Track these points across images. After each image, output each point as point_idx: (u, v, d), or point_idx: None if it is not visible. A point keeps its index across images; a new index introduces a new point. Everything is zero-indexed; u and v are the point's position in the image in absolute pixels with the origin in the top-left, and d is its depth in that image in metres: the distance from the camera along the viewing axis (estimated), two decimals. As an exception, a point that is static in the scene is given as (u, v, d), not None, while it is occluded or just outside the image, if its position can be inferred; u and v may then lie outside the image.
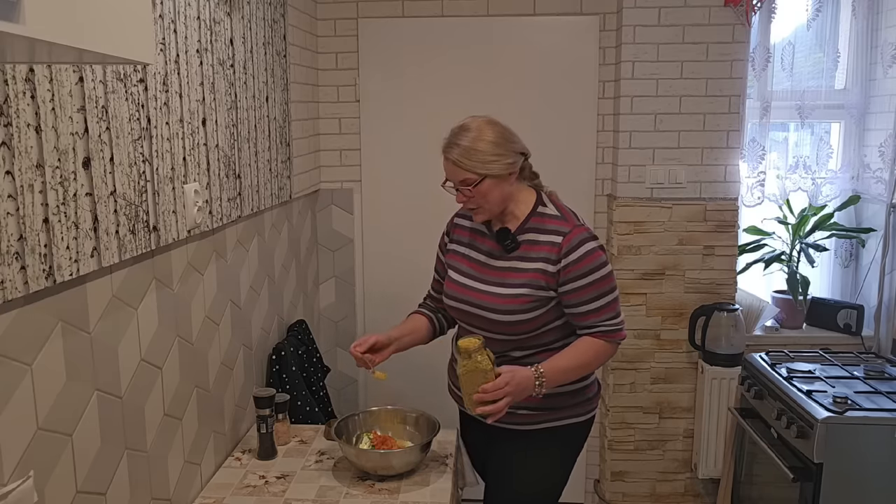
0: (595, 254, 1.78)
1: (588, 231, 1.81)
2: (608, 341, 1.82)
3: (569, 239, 1.77)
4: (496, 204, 1.80)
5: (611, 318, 1.81)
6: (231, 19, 1.95)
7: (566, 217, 1.83)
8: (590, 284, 1.77)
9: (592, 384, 1.95)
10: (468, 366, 1.72)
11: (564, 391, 1.85)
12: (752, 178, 3.02)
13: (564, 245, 1.77)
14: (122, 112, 1.34)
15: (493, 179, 1.76)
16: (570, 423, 1.88)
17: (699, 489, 3.13)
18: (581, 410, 1.90)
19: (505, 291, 1.81)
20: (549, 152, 3.05)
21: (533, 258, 1.80)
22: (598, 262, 1.78)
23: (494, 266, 1.85)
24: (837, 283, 3.19)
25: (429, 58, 3.02)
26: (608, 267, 1.81)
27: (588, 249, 1.77)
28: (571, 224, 1.81)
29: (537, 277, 1.78)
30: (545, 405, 1.83)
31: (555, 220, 1.82)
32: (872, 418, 2.15)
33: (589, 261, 1.77)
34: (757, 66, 2.95)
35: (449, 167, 1.79)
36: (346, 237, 3.16)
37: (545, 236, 1.80)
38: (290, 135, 2.56)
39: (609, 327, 1.81)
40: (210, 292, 1.83)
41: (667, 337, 3.03)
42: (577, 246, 1.77)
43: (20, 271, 1.05)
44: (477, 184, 1.75)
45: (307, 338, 2.61)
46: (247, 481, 1.82)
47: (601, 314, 1.80)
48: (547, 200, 1.87)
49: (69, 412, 1.21)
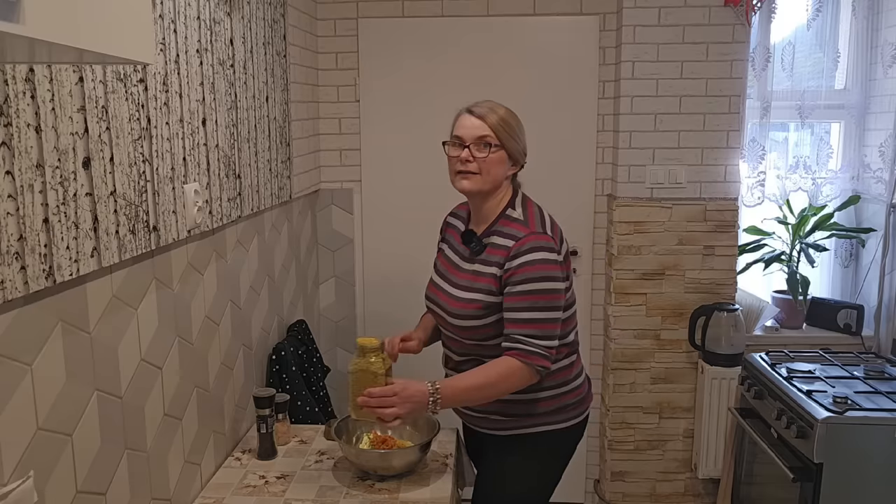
0: (542, 265, 1.68)
1: (546, 241, 1.71)
2: (524, 363, 1.67)
3: (520, 244, 1.70)
4: (490, 180, 1.76)
5: (534, 337, 1.68)
6: (231, 19, 1.95)
7: (529, 222, 1.75)
8: (524, 293, 1.68)
9: (576, 390, 1.86)
10: (360, 364, 1.69)
11: (538, 397, 1.80)
12: (752, 178, 3.03)
13: (513, 249, 1.70)
14: (122, 112, 1.34)
15: (505, 155, 1.76)
16: (550, 429, 1.83)
17: (699, 489, 3.13)
18: (559, 418, 1.83)
19: (462, 295, 1.78)
20: (549, 152, 3.05)
21: (491, 262, 1.74)
22: (540, 274, 1.68)
23: (463, 268, 1.82)
24: (837, 283, 3.19)
25: (429, 58, 3.02)
26: (552, 284, 1.69)
27: (535, 258, 1.68)
28: (529, 230, 1.72)
29: (490, 283, 1.73)
30: (512, 411, 1.80)
31: (516, 224, 1.75)
32: (872, 418, 2.15)
33: (532, 269, 1.68)
34: (757, 66, 2.95)
35: (471, 122, 1.76)
36: (346, 237, 3.16)
37: (503, 240, 1.74)
38: (290, 135, 2.56)
39: (528, 346, 1.67)
40: (210, 292, 1.83)
41: (667, 337, 3.03)
42: (525, 252, 1.68)
43: (20, 271, 1.05)
44: (493, 148, 1.74)
45: (307, 338, 2.61)
46: (247, 481, 1.82)
47: (525, 327, 1.68)
48: (518, 204, 1.81)
49: (69, 412, 1.21)
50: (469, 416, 1.91)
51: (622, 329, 3.03)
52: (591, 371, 3.18)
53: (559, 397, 1.83)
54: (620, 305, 3.01)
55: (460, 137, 1.78)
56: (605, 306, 3.13)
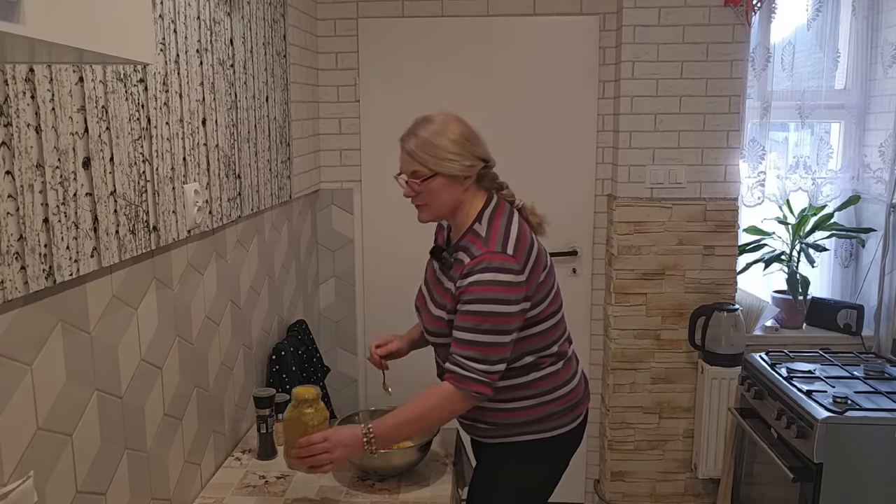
0: (491, 287, 1.59)
1: (503, 260, 1.61)
2: (458, 388, 1.62)
3: (474, 262, 1.61)
4: (443, 207, 1.69)
5: (473, 360, 1.61)
6: (231, 19, 1.95)
7: (489, 240, 1.65)
8: (470, 313, 1.61)
9: (563, 398, 1.79)
10: (292, 414, 1.68)
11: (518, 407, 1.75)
12: (752, 178, 3.03)
13: (467, 267, 1.63)
14: (122, 112, 1.34)
15: (445, 179, 1.66)
16: (537, 438, 1.78)
17: (699, 489, 3.13)
18: (545, 426, 1.78)
19: (433, 311, 1.74)
20: (550, 152, 3.05)
21: (453, 278, 1.68)
22: (489, 296, 1.59)
23: (439, 281, 1.77)
24: (837, 283, 3.19)
25: (429, 58, 3.02)
26: (500, 307, 1.59)
27: (485, 279, 1.59)
28: (486, 249, 1.63)
29: (449, 300, 1.69)
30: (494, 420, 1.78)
31: (478, 241, 1.66)
32: (872, 418, 2.15)
33: (480, 290, 1.59)
34: (757, 66, 2.95)
35: (403, 157, 1.69)
36: (346, 237, 3.16)
37: (464, 256, 1.67)
38: (290, 135, 2.56)
39: (465, 369, 1.61)
40: (210, 292, 1.83)
41: (667, 337, 3.03)
42: (477, 272, 1.60)
43: (20, 271, 1.05)
44: (427, 179, 1.66)
45: (307, 338, 2.61)
46: (247, 481, 1.82)
47: (465, 348, 1.61)
48: (486, 215, 1.70)
49: (69, 412, 1.21)
50: (461, 423, 1.90)
51: (622, 329, 3.03)
52: (590, 371, 3.18)
53: (542, 406, 1.77)
54: (620, 305, 3.01)
55: (400, 172, 1.72)
56: (605, 306, 3.13)
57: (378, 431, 1.64)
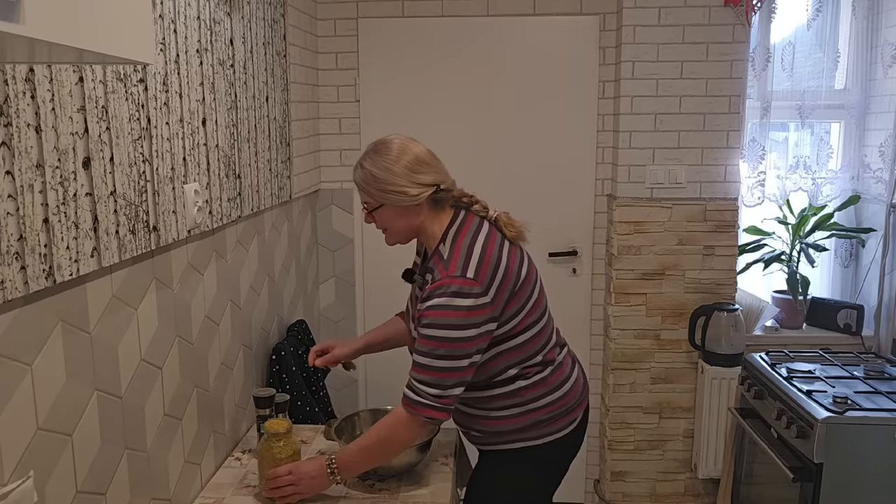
0: (449, 311, 1.56)
1: (462, 284, 1.57)
2: (410, 413, 1.60)
3: (433, 287, 1.59)
4: (401, 232, 1.71)
5: (426, 385, 1.59)
6: (231, 19, 1.95)
7: (450, 264, 1.61)
8: (426, 338, 1.58)
9: (543, 408, 1.75)
10: (263, 447, 1.69)
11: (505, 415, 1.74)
12: (752, 178, 3.03)
13: (426, 291, 1.61)
14: (122, 112, 1.34)
15: (393, 208, 1.66)
16: (526, 446, 1.77)
17: (699, 489, 3.13)
18: (533, 434, 1.76)
19: (413, 332, 1.72)
20: (550, 152, 3.06)
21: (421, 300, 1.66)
22: (445, 321, 1.56)
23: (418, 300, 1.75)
24: (837, 283, 3.19)
25: (429, 57, 3.02)
26: (458, 332, 1.56)
27: (442, 303, 1.56)
28: (447, 273, 1.60)
29: None
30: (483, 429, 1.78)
31: (440, 264, 1.63)
32: (872, 418, 2.15)
33: (437, 314, 1.57)
34: (757, 66, 2.95)
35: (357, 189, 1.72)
36: (346, 237, 3.16)
37: (429, 278, 1.66)
38: (290, 135, 2.56)
39: (417, 393, 1.59)
40: (210, 292, 1.83)
41: (667, 337, 3.03)
42: (436, 296, 1.58)
43: (20, 271, 1.05)
44: (375, 209, 1.68)
45: (307, 338, 2.61)
46: (247, 481, 1.82)
47: (419, 372, 1.60)
48: (450, 238, 1.67)
49: (69, 412, 1.21)
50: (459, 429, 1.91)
51: (622, 329, 3.03)
52: (590, 371, 3.19)
53: (529, 414, 1.74)
54: (620, 305, 3.01)
55: None
56: (605, 306, 3.13)
57: (341, 462, 1.66)
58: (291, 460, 1.69)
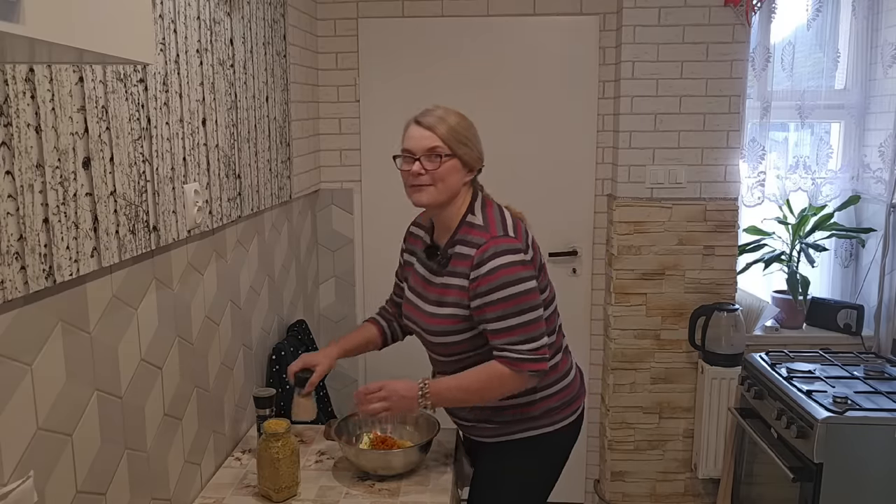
0: (509, 269, 1.62)
1: (509, 243, 1.65)
2: (514, 371, 1.65)
3: (482, 250, 1.64)
4: (445, 190, 1.71)
5: (519, 343, 1.64)
6: (231, 19, 1.95)
7: (489, 227, 1.69)
8: (497, 301, 1.62)
9: (559, 393, 1.82)
10: (261, 448, 1.69)
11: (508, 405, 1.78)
12: (752, 178, 3.03)
13: (476, 256, 1.64)
14: (122, 112, 1.34)
15: (458, 164, 1.70)
16: (539, 433, 1.81)
17: (699, 489, 3.13)
18: (546, 421, 1.81)
19: (438, 311, 1.74)
20: (550, 152, 3.05)
21: (458, 273, 1.69)
22: (510, 278, 1.62)
23: (433, 283, 1.78)
24: (837, 283, 3.19)
25: (429, 58, 3.02)
26: (524, 286, 1.63)
27: (500, 263, 1.62)
28: (489, 235, 1.66)
29: (461, 295, 1.69)
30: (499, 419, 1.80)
31: (477, 230, 1.69)
32: (872, 418, 2.15)
33: (498, 275, 1.62)
34: (757, 66, 2.95)
35: (420, 134, 1.70)
36: (346, 237, 3.16)
37: (467, 249, 1.69)
38: (290, 135, 2.56)
39: (515, 353, 1.64)
40: (210, 292, 1.83)
41: (667, 337, 3.03)
42: (488, 259, 1.63)
43: (20, 271, 1.05)
44: (446, 157, 1.68)
45: (307, 338, 2.61)
46: (247, 481, 1.82)
47: (506, 335, 1.64)
48: (478, 208, 1.75)
49: (69, 412, 1.21)
50: (460, 424, 1.92)
51: (622, 329, 3.03)
52: (590, 371, 3.19)
53: (541, 402, 1.80)
54: (620, 305, 3.01)
55: (410, 150, 1.72)
56: (605, 306, 3.13)
57: (434, 389, 1.70)
58: (290, 460, 1.69)
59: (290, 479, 1.70)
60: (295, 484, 1.72)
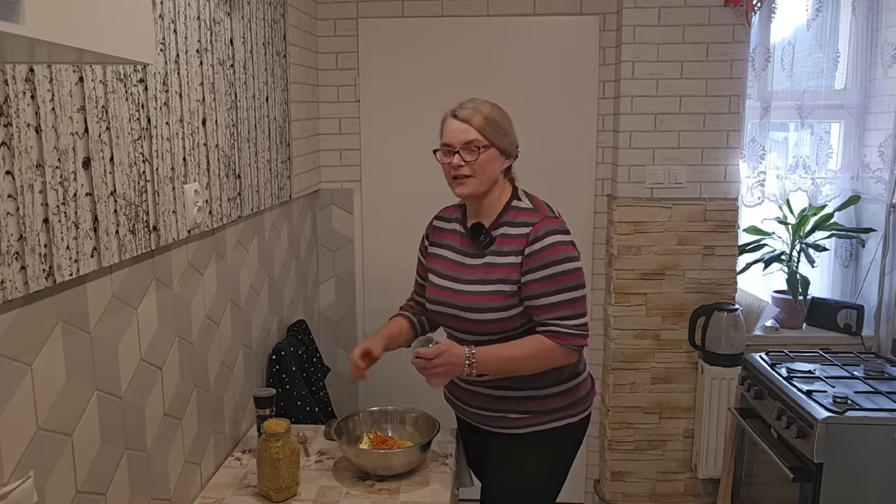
0: (561, 247, 1.74)
1: (559, 224, 1.78)
2: (561, 344, 1.73)
3: (536, 228, 1.74)
4: (486, 180, 1.78)
5: (566, 318, 1.73)
6: (231, 19, 1.95)
7: (539, 208, 1.81)
8: (549, 277, 1.72)
9: (584, 382, 1.91)
10: (260, 448, 1.69)
11: (552, 393, 1.83)
12: (752, 178, 3.03)
13: (531, 234, 1.74)
14: (122, 112, 1.34)
15: (496, 153, 1.78)
16: (562, 424, 1.86)
17: (699, 489, 3.13)
18: (573, 411, 1.87)
19: (482, 289, 1.79)
20: (549, 152, 3.05)
21: (506, 252, 1.77)
22: (562, 256, 1.73)
23: (471, 265, 1.83)
24: (837, 283, 3.19)
25: (429, 58, 3.02)
26: (574, 264, 1.75)
27: (554, 241, 1.73)
28: (542, 215, 1.78)
29: (510, 272, 1.76)
30: (528, 409, 1.82)
31: (527, 212, 1.80)
32: (872, 418, 2.15)
33: (552, 252, 1.73)
34: (757, 66, 2.95)
35: (457, 128, 1.77)
36: (346, 237, 3.16)
37: (516, 229, 1.78)
38: (290, 135, 2.56)
39: (562, 328, 1.73)
40: (210, 292, 1.83)
41: (667, 337, 3.03)
42: (543, 236, 1.73)
43: (20, 271, 1.05)
44: (484, 148, 1.75)
45: (307, 338, 2.61)
46: (247, 481, 1.82)
47: (555, 311, 1.73)
48: (522, 195, 1.86)
49: (69, 412, 1.21)
50: (483, 417, 1.90)
51: (622, 329, 3.03)
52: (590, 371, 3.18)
53: (571, 391, 1.87)
54: (620, 305, 3.01)
55: (449, 144, 1.80)
56: (605, 306, 3.13)
57: (481, 358, 1.73)
58: (290, 460, 1.69)
59: (290, 479, 1.70)
60: (295, 484, 1.72)
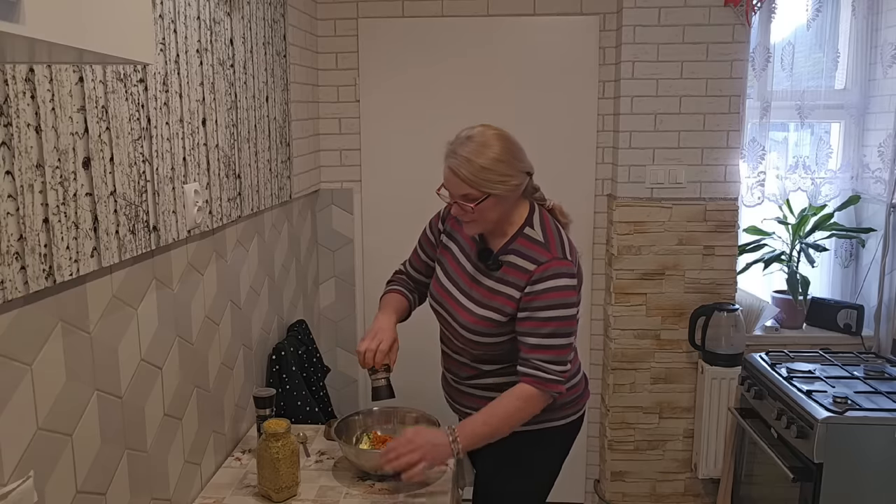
0: (563, 292, 1.68)
1: (568, 266, 1.70)
2: (540, 390, 1.68)
3: (542, 269, 1.68)
4: (492, 221, 1.74)
5: (552, 363, 1.68)
6: (231, 19, 1.95)
7: (549, 245, 1.73)
8: (546, 320, 1.68)
9: (578, 384, 1.91)
10: (262, 447, 1.68)
11: None
12: (752, 178, 3.03)
13: (535, 273, 1.69)
14: (122, 112, 1.34)
15: (495, 198, 1.68)
16: (556, 425, 1.86)
17: (699, 489, 3.13)
18: (558, 415, 1.85)
19: (477, 311, 1.77)
20: (550, 152, 3.05)
21: (509, 282, 1.73)
22: (559, 302, 1.68)
23: (478, 281, 1.80)
24: (837, 283, 3.19)
25: (429, 58, 3.02)
26: (571, 311, 1.69)
27: (558, 285, 1.67)
28: (551, 255, 1.71)
29: (506, 303, 1.72)
30: None
31: (537, 246, 1.73)
32: (872, 418, 2.15)
33: (552, 296, 1.67)
34: (757, 66, 2.95)
35: (451, 178, 1.69)
36: (346, 237, 3.16)
37: (523, 261, 1.72)
38: (290, 135, 2.56)
39: (545, 372, 1.68)
40: (210, 292, 1.83)
41: (667, 337, 3.03)
42: (548, 278, 1.68)
43: (20, 271, 1.05)
44: (480, 202, 1.68)
45: (307, 338, 2.61)
46: (247, 481, 1.82)
47: (543, 353, 1.68)
48: (537, 221, 1.77)
49: (69, 412, 1.21)
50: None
51: (622, 329, 3.03)
52: (590, 371, 3.18)
53: (571, 389, 1.87)
54: (620, 305, 3.01)
55: (447, 192, 1.74)
56: (605, 306, 3.13)
57: (463, 433, 1.69)
58: (290, 460, 1.69)
59: (290, 479, 1.70)
60: (295, 484, 1.72)
